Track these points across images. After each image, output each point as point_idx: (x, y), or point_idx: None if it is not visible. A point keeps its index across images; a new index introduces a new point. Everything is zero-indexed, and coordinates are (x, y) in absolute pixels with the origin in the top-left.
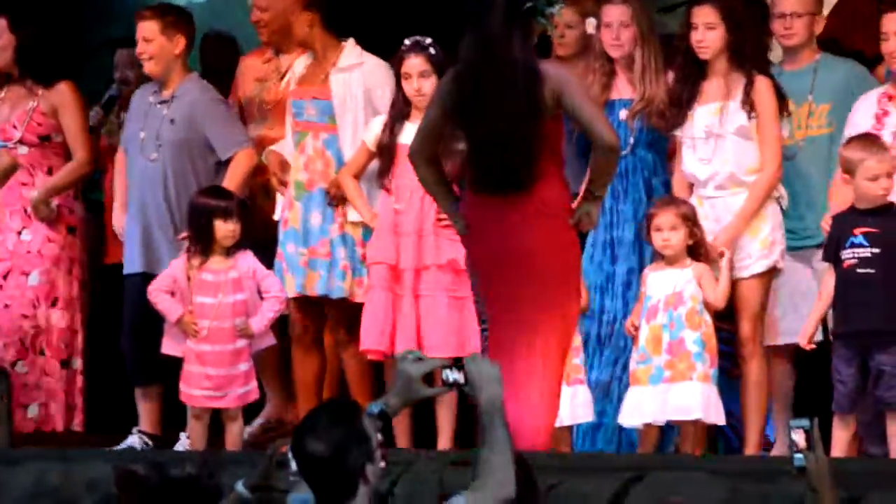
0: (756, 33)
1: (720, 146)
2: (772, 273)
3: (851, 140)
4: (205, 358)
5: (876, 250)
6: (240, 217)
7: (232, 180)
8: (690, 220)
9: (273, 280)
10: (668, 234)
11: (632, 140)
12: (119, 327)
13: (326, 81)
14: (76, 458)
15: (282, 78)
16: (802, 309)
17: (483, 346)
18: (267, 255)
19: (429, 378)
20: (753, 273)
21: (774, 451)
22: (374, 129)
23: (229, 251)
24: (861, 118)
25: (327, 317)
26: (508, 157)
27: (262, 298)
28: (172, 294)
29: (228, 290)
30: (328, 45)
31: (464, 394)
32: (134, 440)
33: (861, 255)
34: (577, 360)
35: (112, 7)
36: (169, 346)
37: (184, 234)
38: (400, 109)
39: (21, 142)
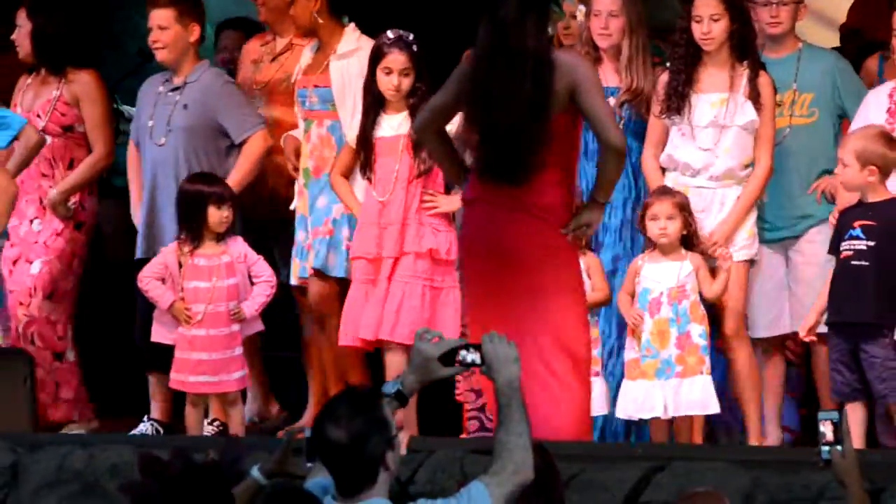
0: (752, 24)
1: (724, 137)
2: (750, 265)
3: (874, 132)
4: (200, 343)
5: (871, 243)
6: (231, 203)
7: (247, 162)
8: (686, 210)
9: (263, 265)
10: (664, 222)
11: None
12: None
13: (327, 69)
14: (98, 442)
15: (273, 59)
16: (780, 301)
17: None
18: (276, 235)
19: (445, 358)
20: (737, 260)
21: (767, 443)
22: (356, 127)
23: (220, 237)
24: (874, 113)
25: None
26: (510, 147)
27: (252, 283)
28: (163, 281)
29: (222, 274)
30: (332, 31)
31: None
32: (145, 427)
33: (857, 247)
34: (594, 352)
35: None
36: (159, 334)
37: None
38: (373, 102)
39: (45, 131)
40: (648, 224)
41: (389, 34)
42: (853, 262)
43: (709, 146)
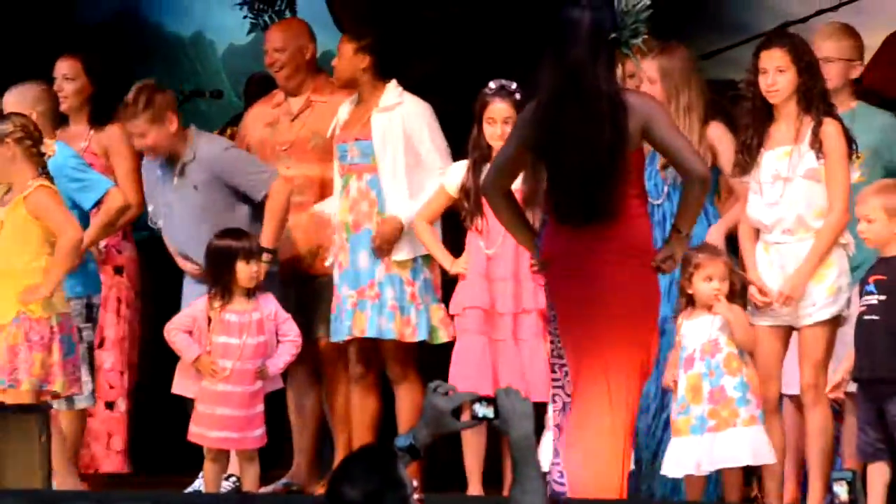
0: (820, 74)
1: (788, 189)
2: (837, 321)
3: (892, 183)
4: (225, 398)
5: (882, 297)
6: (260, 258)
7: (274, 214)
8: (733, 270)
9: (291, 324)
10: (719, 283)
11: (666, 189)
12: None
13: (368, 122)
14: (115, 499)
15: (294, 119)
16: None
17: (553, 390)
18: (303, 288)
19: (457, 412)
20: (818, 321)
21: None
22: (456, 174)
23: (250, 292)
24: None
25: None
26: (590, 189)
27: (278, 342)
28: (190, 334)
29: (252, 331)
30: (374, 87)
31: (494, 433)
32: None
33: (870, 301)
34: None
35: (155, 50)
36: (180, 387)
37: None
38: (482, 152)
39: None
40: (701, 284)
41: (492, 84)
42: (866, 317)
43: (775, 200)
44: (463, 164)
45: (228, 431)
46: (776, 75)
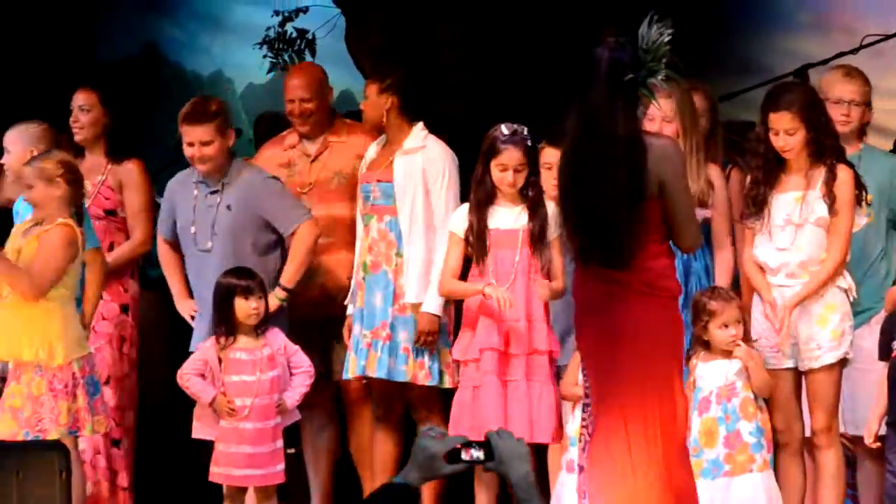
0: (831, 125)
1: (799, 235)
2: (843, 364)
3: None
4: (247, 436)
5: None
6: (263, 295)
7: (298, 253)
8: (744, 311)
9: (302, 356)
10: (734, 329)
11: None
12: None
13: (392, 164)
14: None
15: (313, 160)
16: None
17: (581, 430)
18: (330, 329)
19: (451, 455)
20: (824, 364)
21: None
22: (461, 218)
23: (258, 330)
24: None
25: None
26: (608, 234)
27: (291, 374)
28: (203, 377)
29: (265, 366)
30: (400, 128)
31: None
32: None
33: None
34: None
35: (174, 88)
36: (200, 431)
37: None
38: (486, 193)
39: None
40: (716, 332)
41: (504, 129)
42: None
43: (786, 245)
44: (465, 207)
45: (252, 469)
46: (787, 137)
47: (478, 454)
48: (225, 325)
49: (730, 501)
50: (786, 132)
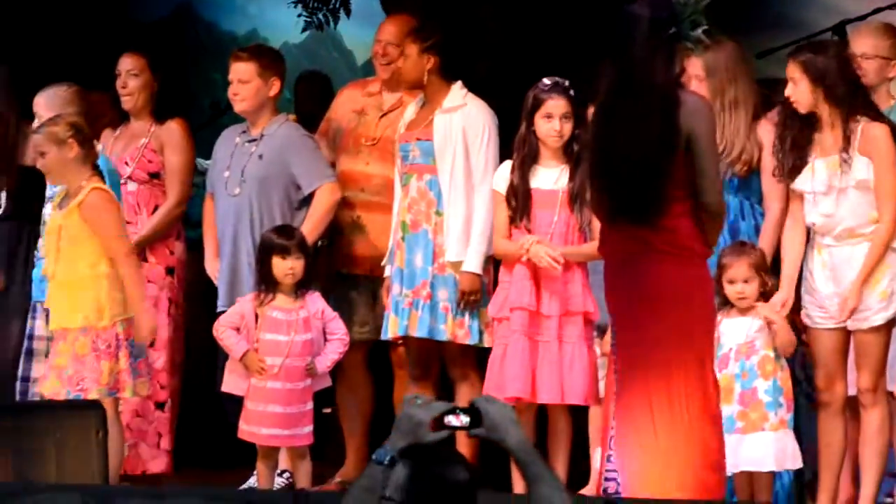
0: (851, 79)
1: (842, 200)
2: (892, 324)
3: None
4: (276, 396)
5: None
6: (302, 255)
7: (316, 213)
8: (762, 268)
9: (339, 323)
10: (741, 286)
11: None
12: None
13: (431, 123)
14: (170, 495)
15: (383, 115)
16: None
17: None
18: (349, 288)
19: (436, 422)
20: (873, 325)
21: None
22: (503, 177)
23: (297, 291)
24: None
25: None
26: (639, 186)
27: (326, 340)
28: (238, 331)
29: (300, 328)
30: (439, 88)
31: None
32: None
33: None
34: None
35: (209, 48)
36: (230, 385)
37: None
38: (531, 149)
39: (131, 178)
40: (726, 287)
41: (546, 81)
42: None
43: (831, 211)
44: (508, 164)
45: (279, 429)
46: (792, 86)
47: (464, 420)
48: (265, 281)
49: (739, 459)
50: (791, 80)
